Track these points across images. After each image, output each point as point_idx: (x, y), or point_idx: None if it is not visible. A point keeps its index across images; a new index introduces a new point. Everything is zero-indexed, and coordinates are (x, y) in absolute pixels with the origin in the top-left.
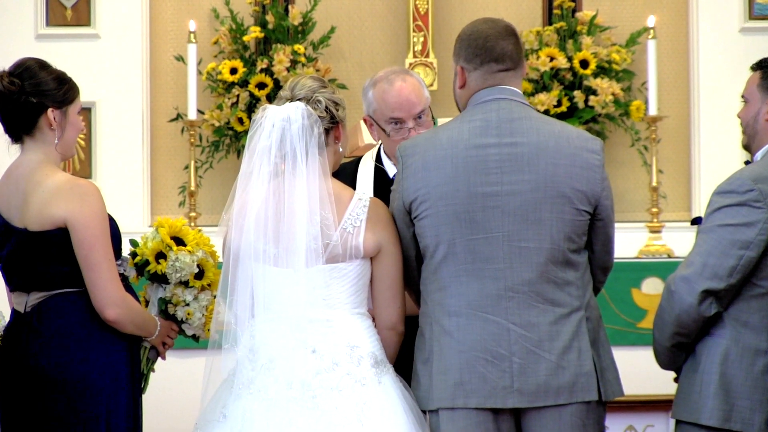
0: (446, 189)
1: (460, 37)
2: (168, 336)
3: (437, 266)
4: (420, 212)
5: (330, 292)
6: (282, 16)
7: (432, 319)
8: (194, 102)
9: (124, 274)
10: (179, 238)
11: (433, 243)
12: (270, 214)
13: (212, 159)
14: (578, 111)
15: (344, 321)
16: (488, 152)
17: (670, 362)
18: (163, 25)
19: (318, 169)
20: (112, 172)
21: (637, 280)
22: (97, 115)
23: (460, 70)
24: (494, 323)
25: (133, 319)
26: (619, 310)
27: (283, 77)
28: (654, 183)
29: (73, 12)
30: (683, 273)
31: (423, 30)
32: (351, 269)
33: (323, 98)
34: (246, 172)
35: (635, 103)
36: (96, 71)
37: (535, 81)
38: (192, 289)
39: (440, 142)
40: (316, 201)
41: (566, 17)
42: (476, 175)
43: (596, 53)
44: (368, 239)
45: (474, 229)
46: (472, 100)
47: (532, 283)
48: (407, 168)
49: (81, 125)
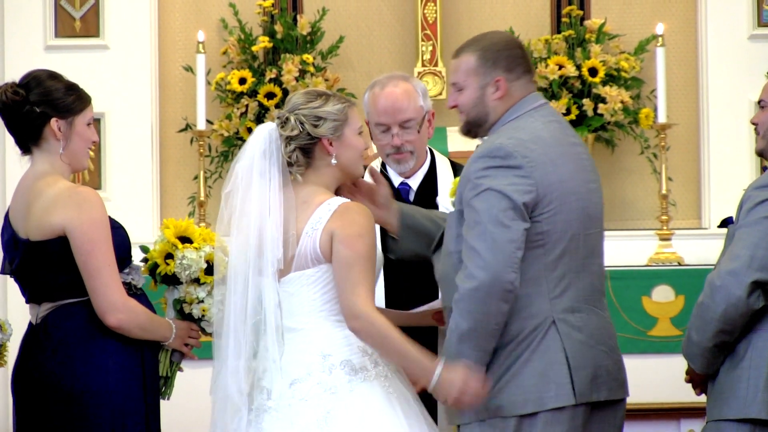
0: (573, 184)
1: (493, 48)
2: (190, 336)
3: (555, 262)
4: (552, 207)
5: (302, 300)
6: (290, 26)
7: (550, 316)
8: (203, 112)
9: (131, 282)
10: (186, 237)
11: (556, 238)
12: (252, 230)
13: (221, 169)
14: (587, 119)
15: (319, 329)
16: (577, 150)
17: (709, 364)
18: (171, 35)
19: (275, 187)
20: (122, 183)
21: (647, 288)
22: (106, 126)
23: (498, 81)
24: (602, 318)
25: (139, 323)
26: (629, 318)
27: (291, 87)
28: (663, 190)
29: (82, 23)
30: (729, 267)
31: (432, 39)
32: (319, 275)
33: (293, 117)
34: (228, 190)
35: (644, 110)
36: (105, 82)
37: (544, 89)
38: (205, 286)
39: (545, 138)
40: (275, 217)
41: (575, 25)
42: (583, 171)
43: (605, 61)
44: (323, 239)
45: (589, 224)
46: (521, 105)
47: (603, 273)
48: (530, 162)
49: (91, 136)
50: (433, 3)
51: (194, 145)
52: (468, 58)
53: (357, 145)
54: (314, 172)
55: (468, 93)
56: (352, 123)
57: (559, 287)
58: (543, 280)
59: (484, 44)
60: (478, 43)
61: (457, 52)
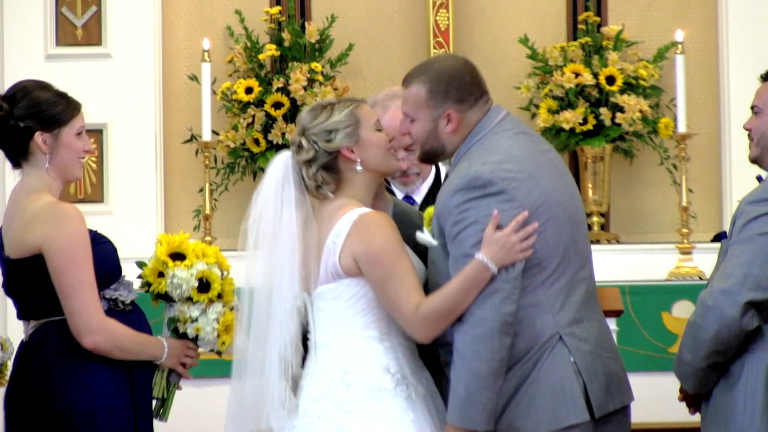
0: (556, 195)
1: (442, 79)
2: (186, 356)
3: (552, 277)
4: (541, 224)
5: (330, 315)
6: (298, 34)
7: (556, 333)
8: (209, 122)
9: (117, 298)
10: (180, 253)
11: (550, 254)
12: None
13: (227, 181)
14: (605, 129)
15: (343, 345)
16: (550, 157)
17: (702, 384)
18: (176, 43)
19: (293, 219)
20: (125, 196)
21: (667, 303)
22: (108, 137)
23: (449, 114)
24: (601, 322)
25: (118, 344)
26: (648, 335)
27: (299, 96)
28: (684, 202)
29: (84, 31)
30: (722, 286)
31: (444, 46)
32: (341, 290)
33: (305, 139)
34: (249, 223)
35: (664, 120)
36: (107, 92)
37: (560, 98)
38: (198, 304)
39: (518, 155)
40: (294, 250)
41: (591, 32)
42: (561, 177)
43: (623, 69)
44: (344, 257)
45: (577, 230)
46: (483, 125)
47: (593, 276)
48: (511, 184)
49: (81, 146)
50: (445, 9)
51: (199, 157)
52: (417, 89)
53: (378, 142)
54: (346, 184)
55: (420, 125)
56: (365, 122)
57: (558, 301)
58: (543, 297)
59: (432, 75)
60: (427, 73)
61: (406, 80)
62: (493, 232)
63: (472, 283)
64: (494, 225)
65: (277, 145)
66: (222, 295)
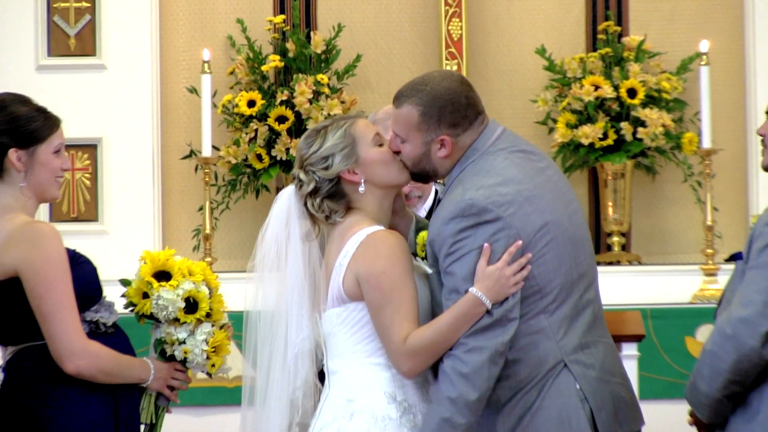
0: (555, 216)
1: (436, 103)
2: (173, 378)
3: (554, 303)
4: (540, 248)
5: (337, 341)
6: (303, 44)
7: (561, 361)
8: (209, 137)
9: (99, 320)
10: (165, 272)
11: (550, 279)
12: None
13: (229, 199)
14: (626, 144)
15: (350, 372)
16: (548, 175)
17: (717, 415)
18: (174, 54)
19: (300, 262)
20: (120, 215)
21: (690, 327)
22: (103, 153)
23: (443, 139)
24: (608, 346)
25: (102, 368)
26: (671, 361)
27: (305, 110)
28: (708, 221)
29: (77, 41)
30: (741, 314)
31: (456, 57)
32: (346, 315)
33: (303, 173)
34: (255, 262)
35: (687, 135)
36: (102, 105)
37: (579, 112)
38: (186, 325)
39: (514, 176)
40: (298, 292)
41: (612, 42)
42: (560, 197)
43: (645, 81)
44: (347, 278)
45: (579, 251)
46: (477, 146)
47: (599, 298)
48: (507, 210)
49: (58, 165)
50: (458, 18)
51: (199, 174)
52: (409, 111)
53: (379, 157)
54: (356, 205)
55: (411, 148)
56: (362, 139)
57: (562, 327)
58: (545, 323)
59: (425, 97)
60: (420, 94)
61: (397, 99)
62: (485, 266)
63: (465, 318)
64: (486, 258)
65: (280, 161)
66: (211, 314)
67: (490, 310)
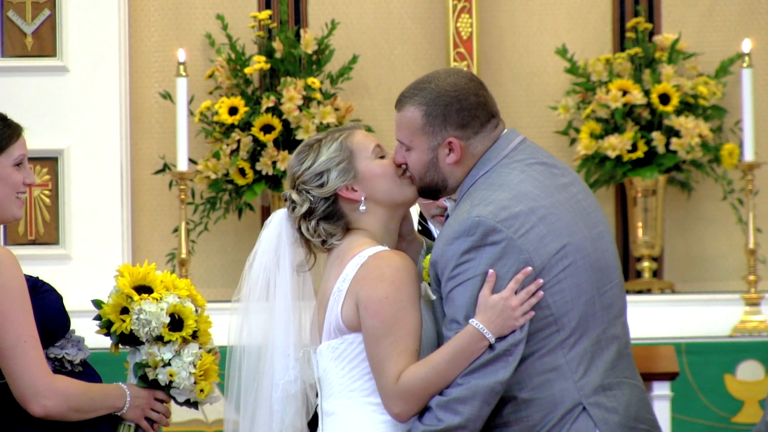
0: (576, 239)
1: (440, 102)
2: (151, 409)
3: (572, 337)
4: (555, 274)
5: (332, 378)
6: (292, 43)
7: (579, 403)
8: (185, 149)
9: (64, 358)
10: (146, 286)
11: (567, 309)
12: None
13: (207, 220)
14: (658, 157)
15: (347, 414)
16: (571, 192)
17: None
18: (146, 54)
19: (288, 291)
20: (84, 236)
21: (731, 364)
22: (65, 166)
23: (451, 142)
24: (636, 388)
25: (72, 406)
26: (709, 402)
27: (293, 118)
28: (751, 245)
29: (35, 39)
30: None
31: (466, 59)
32: (344, 348)
33: (296, 193)
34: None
35: (727, 146)
36: (63, 112)
37: (605, 120)
38: (171, 344)
39: (529, 192)
40: (284, 332)
41: (642, 42)
42: (584, 217)
43: (679, 86)
44: (346, 304)
45: (604, 280)
46: (491, 155)
47: (628, 333)
48: (518, 231)
49: (20, 179)
50: (468, 14)
51: (174, 190)
52: (412, 113)
53: (381, 170)
54: (357, 225)
55: (417, 155)
56: (360, 152)
57: (582, 365)
58: (562, 360)
59: (429, 95)
60: (423, 92)
61: (399, 102)
62: (488, 295)
63: (464, 354)
64: (490, 286)
65: (266, 176)
66: (197, 335)
67: (492, 345)
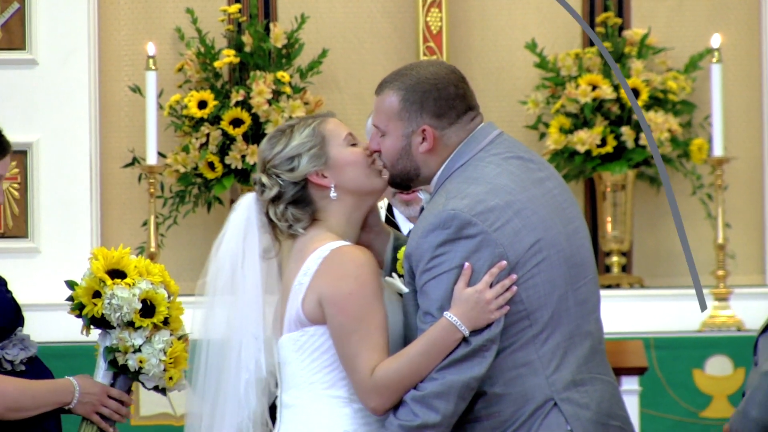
0: (550, 234)
1: (419, 88)
2: (102, 404)
3: (544, 333)
4: (528, 269)
5: (293, 370)
6: (262, 37)
7: (550, 398)
8: (154, 143)
9: (3, 358)
10: (120, 271)
11: (540, 305)
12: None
13: (177, 213)
14: (627, 152)
15: (306, 406)
16: (547, 187)
17: None
18: (115, 48)
19: (257, 275)
20: (53, 230)
21: (699, 359)
22: (34, 160)
23: (425, 130)
24: (608, 384)
25: (11, 405)
26: (678, 397)
27: (263, 112)
28: (720, 240)
29: (4, 33)
30: None
31: (436, 53)
32: (305, 339)
33: (265, 176)
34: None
35: (697, 141)
36: (32, 105)
37: (574, 115)
38: (142, 330)
39: (505, 186)
40: (253, 319)
41: (612, 36)
42: (559, 212)
43: (649, 81)
44: (308, 298)
45: (577, 276)
46: (467, 147)
47: (602, 329)
48: (493, 225)
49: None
50: (437, 9)
51: (143, 184)
52: (390, 98)
53: (352, 158)
54: (322, 215)
55: (391, 141)
56: (333, 138)
57: (554, 361)
58: (534, 356)
59: (408, 82)
60: (403, 79)
61: (380, 87)
62: (463, 288)
63: (439, 347)
64: (466, 280)
65: (235, 170)
66: (169, 321)
67: (467, 338)
